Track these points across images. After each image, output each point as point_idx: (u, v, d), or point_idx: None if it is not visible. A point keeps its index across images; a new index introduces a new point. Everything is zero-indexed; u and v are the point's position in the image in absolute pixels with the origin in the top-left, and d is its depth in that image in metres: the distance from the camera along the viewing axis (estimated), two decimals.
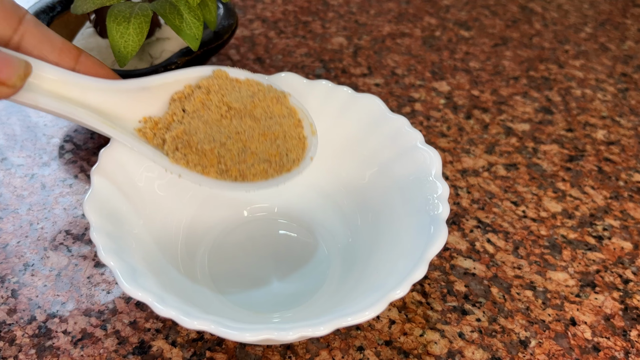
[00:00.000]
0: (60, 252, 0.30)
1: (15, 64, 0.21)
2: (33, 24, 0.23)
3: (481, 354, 0.27)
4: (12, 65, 0.21)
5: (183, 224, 0.29)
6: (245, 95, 0.26)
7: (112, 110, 0.25)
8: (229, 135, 0.25)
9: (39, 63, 0.23)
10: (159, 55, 0.36)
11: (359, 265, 0.28)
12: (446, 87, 0.45)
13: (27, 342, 0.26)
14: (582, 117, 0.43)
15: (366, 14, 0.55)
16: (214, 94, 0.26)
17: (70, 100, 0.23)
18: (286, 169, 0.26)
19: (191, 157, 0.24)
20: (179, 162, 0.24)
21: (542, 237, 0.33)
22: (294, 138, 0.26)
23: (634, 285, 0.31)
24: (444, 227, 0.24)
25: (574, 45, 0.53)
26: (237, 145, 0.25)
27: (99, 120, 0.24)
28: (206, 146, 0.24)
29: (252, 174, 0.25)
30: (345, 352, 0.26)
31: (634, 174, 0.38)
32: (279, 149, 0.26)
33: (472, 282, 0.30)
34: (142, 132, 0.25)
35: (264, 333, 0.20)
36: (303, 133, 0.27)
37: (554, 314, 0.29)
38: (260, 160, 0.25)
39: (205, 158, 0.24)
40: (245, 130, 0.25)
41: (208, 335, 0.26)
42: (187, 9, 0.30)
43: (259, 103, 0.26)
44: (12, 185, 0.33)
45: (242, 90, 0.26)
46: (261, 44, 0.49)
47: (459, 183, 0.36)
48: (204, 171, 0.24)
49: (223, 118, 0.25)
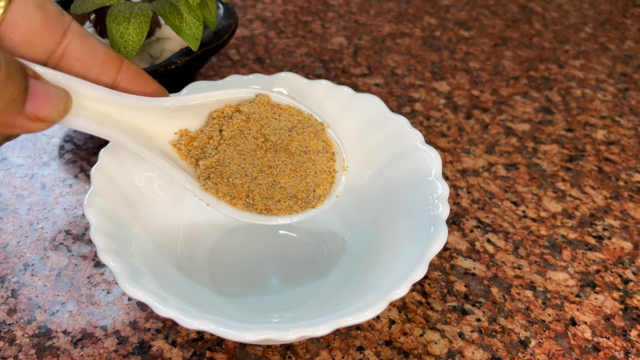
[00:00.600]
0: (60, 252, 0.30)
1: (56, 100, 0.20)
2: (77, 34, 0.22)
3: (481, 354, 0.27)
4: (52, 102, 0.20)
5: (183, 224, 0.29)
6: (284, 126, 0.26)
7: (148, 127, 0.24)
8: (261, 168, 0.25)
9: (79, 82, 0.22)
10: (159, 55, 0.36)
11: (359, 265, 0.28)
12: (446, 87, 0.45)
13: (27, 342, 0.26)
14: (582, 117, 0.43)
15: (366, 14, 0.55)
16: (254, 122, 0.25)
17: (107, 120, 0.23)
18: (311, 205, 0.26)
19: (221, 187, 0.25)
20: (209, 190, 0.25)
21: (542, 237, 0.33)
22: (324, 172, 0.26)
23: (634, 285, 0.31)
24: (444, 227, 0.24)
25: (574, 45, 0.53)
26: (268, 180, 0.25)
27: (133, 141, 0.23)
28: (237, 181, 0.24)
29: (277, 208, 0.25)
30: (345, 352, 0.26)
31: (634, 174, 0.38)
32: (307, 186, 0.26)
33: (472, 282, 0.30)
34: (177, 147, 0.25)
35: (264, 333, 0.20)
36: (334, 167, 0.26)
37: (554, 314, 0.29)
38: (287, 196, 0.25)
39: (235, 190, 0.25)
40: (278, 165, 0.25)
41: (208, 335, 0.26)
42: (187, 9, 0.30)
43: (295, 137, 0.26)
44: (12, 185, 0.33)
45: (282, 119, 0.26)
46: (261, 44, 0.49)
47: (459, 183, 0.36)
48: (232, 202, 0.25)
49: (258, 149, 0.25)
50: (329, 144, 0.27)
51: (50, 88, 0.20)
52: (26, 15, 0.20)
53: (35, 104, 0.19)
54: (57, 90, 0.20)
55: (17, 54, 0.21)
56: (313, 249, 0.30)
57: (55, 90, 0.20)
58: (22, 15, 0.20)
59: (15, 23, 0.20)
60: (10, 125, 0.19)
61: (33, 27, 0.20)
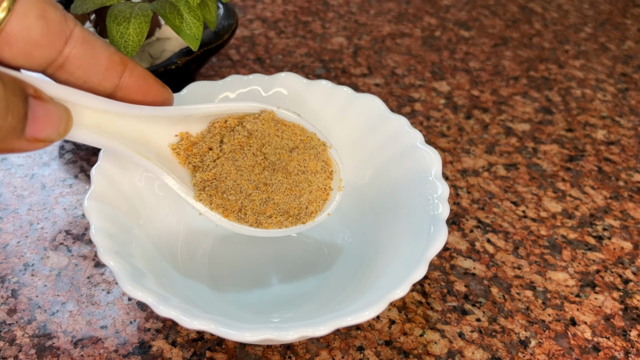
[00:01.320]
0: (60, 252, 0.30)
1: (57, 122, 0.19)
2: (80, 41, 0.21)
3: (481, 354, 0.27)
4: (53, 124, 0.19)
5: (183, 224, 0.29)
6: (285, 145, 0.26)
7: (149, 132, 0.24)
8: (257, 184, 0.25)
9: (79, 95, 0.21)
10: (159, 55, 0.36)
11: (359, 265, 0.28)
12: (446, 87, 0.45)
13: (27, 342, 0.26)
14: (582, 117, 0.43)
15: (366, 14, 0.55)
16: (255, 139, 0.25)
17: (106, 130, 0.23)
18: (301, 221, 0.26)
19: (215, 199, 0.25)
20: (203, 201, 0.25)
21: (542, 237, 0.33)
22: (319, 189, 0.26)
23: (634, 285, 0.31)
24: (444, 227, 0.24)
25: (574, 45, 0.53)
26: (262, 196, 0.25)
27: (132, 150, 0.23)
28: (232, 197, 0.25)
29: (267, 223, 0.25)
30: (345, 352, 0.26)
31: (634, 174, 0.38)
32: (300, 204, 0.26)
33: (472, 282, 0.30)
34: (176, 152, 0.25)
35: (264, 333, 0.20)
36: (330, 185, 0.27)
37: (554, 314, 0.29)
38: (279, 212, 0.26)
39: (229, 203, 0.25)
40: (274, 183, 0.25)
41: (208, 335, 0.26)
42: (187, 9, 0.30)
43: (295, 157, 0.26)
44: (12, 185, 0.33)
45: (285, 137, 0.26)
46: (261, 44, 0.49)
47: (459, 183, 0.36)
48: (224, 213, 0.25)
49: (257, 165, 0.25)
50: (329, 163, 0.27)
51: (50, 109, 0.19)
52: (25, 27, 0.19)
53: (35, 127, 0.18)
54: (58, 110, 0.20)
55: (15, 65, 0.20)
56: (313, 249, 0.30)
57: (56, 110, 0.19)
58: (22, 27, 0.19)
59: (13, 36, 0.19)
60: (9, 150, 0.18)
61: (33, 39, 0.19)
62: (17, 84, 0.18)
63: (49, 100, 0.19)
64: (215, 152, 0.25)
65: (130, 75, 0.23)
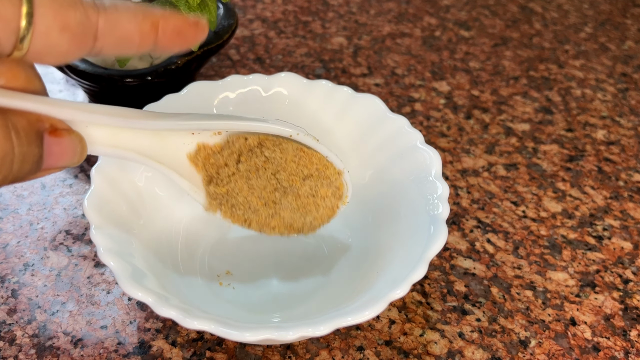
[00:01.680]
0: (60, 252, 0.30)
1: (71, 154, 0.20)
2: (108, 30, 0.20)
3: (481, 354, 0.27)
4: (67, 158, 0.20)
5: (183, 224, 0.29)
6: (299, 172, 0.26)
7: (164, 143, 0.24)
8: (265, 202, 0.26)
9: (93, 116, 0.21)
10: (159, 55, 0.36)
11: (359, 265, 0.28)
12: (446, 87, 0.45)
13: (27, 342, 0.26)
14: (582, 117, 0.43)
15: (366, 14, 0.55)
16: (271, 164, 0.25)
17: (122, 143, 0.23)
18: (302, 232, 0.27)
19: (224, 209, 0.26)
20: (212, 209, 0.26)
21: (542, 237, 0.33)
22: (327, 208, 0.27)
23: (634, 285, 0.31)
24: (444, 227, 0.24)
25: (574, 45, 0.53)
26: (269, 212, 0.26)
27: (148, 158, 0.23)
28: (240, 212, 0.26)
29: (270, 231, 0.26)
30: (345, 352, 0.26)
31: (634, 174, 0.38)
32: (305, 220, 0.26)
33: (472, 282, 0.30)
34: (194, 161, 0.25)
35: (264, 333, 0.20)
36: (338, 204, 0.27)
37: (554, 314, 0.29)
38: (283, 225, 0.26)
39: (236, 215, 0.26)
40: (283, 203, 0.26)
41: (208, 335, 0.26)
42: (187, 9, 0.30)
43: (308, 183, 0.26)
44: (12, 185, 0.33)
45: (301, 164, 0.25)
46: (261, 44, 0.49)
47: (459, 183, 0.36)
48: (232, 220, 0.26)
49: (269, 185, 0.25)
50: (341, 188, 0.27)
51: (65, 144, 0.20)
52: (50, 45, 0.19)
53: (51, 162, 0.19)
54: (72, 142, 0.20)
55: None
56: (313, 249, 0.30)
57: (71, 144, 0.20)
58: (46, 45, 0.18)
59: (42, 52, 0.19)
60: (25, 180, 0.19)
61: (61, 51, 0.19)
62: (32, 128, 0.18)
63: (65, 134, 0.20)
64: (231, 168, 0.25)
65: (164, 35, 0.22)
